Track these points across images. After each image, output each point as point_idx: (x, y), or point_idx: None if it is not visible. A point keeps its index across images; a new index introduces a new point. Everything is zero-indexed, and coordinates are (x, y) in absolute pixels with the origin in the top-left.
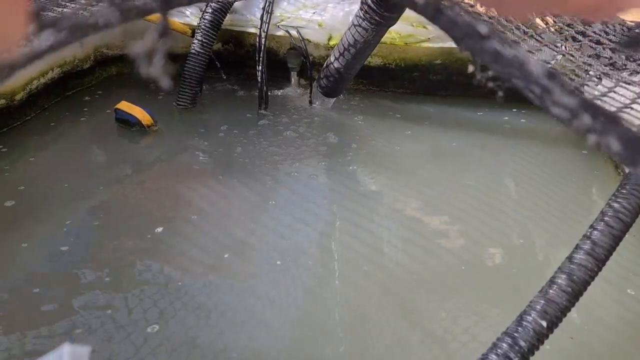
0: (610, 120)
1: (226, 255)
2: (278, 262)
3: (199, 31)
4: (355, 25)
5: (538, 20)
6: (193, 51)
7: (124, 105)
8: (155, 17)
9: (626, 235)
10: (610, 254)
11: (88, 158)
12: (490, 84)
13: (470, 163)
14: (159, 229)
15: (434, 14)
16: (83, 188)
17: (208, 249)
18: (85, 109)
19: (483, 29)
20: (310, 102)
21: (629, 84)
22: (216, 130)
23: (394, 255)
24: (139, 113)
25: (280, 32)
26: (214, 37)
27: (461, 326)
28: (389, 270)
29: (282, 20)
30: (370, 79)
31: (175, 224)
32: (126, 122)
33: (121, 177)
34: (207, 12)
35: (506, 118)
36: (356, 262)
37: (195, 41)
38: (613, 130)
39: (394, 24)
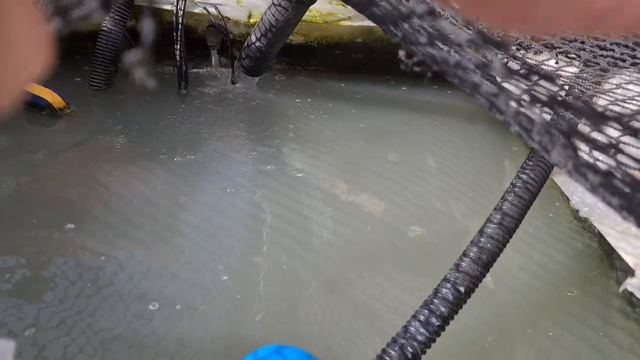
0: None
1: (150, 242)
2: (204, 246)
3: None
4: (275, 5)
5: None
6: (105, 28)
7: (31, 87)
8: None
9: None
10: (520, 222)
11: None
12: (417, 69)
13: (391, 139)
14: (74, 219)
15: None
16: None
17: (129, 236)
18: None
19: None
20: (233, 82)
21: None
22: (134, 112)
23: (321, 233)
24: (48, 95)
25: (198, 9)
26: (127, 13)
27: (388, 297)
28: (316, 248)
29: None
30: (293, 57)
31: (94, 211)
32: (35, 105)
33: (31, 165)
34: None
35: (426, 96)
36: (283, 241)
37: (107, 18)
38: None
39: (314, 2)
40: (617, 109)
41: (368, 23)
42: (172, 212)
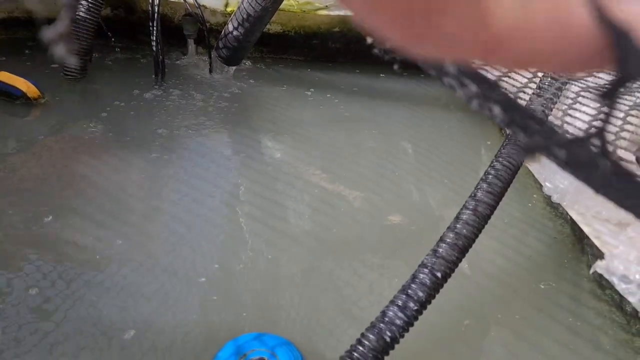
0: (491, 87)
1: (128, 232)
2: (183, 235)
3: None
4: None
5: None
6: (79, 17)
7: (4, 76)
8: None
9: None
10: (494, 208)
11: None
12: (387, 56)
13: (368, 128)
14: (52, 211)
15: None
16: None
17: (108, 227)
18: None
19: None
20: (211, 71)
21: None
22: (109, 102)
23: (300, 222)
24: (22, 85)
25: None
26: (101, 1)
27: (367, 284)
28: (295, 237)
29: None
30: (270, 46)
31: (73, 202)
32: (8, 94)
33: (6, 156)
34: None
35: (403, 85)
36: (263, 231)
37: (81, 6)
38: (494, 97)
39: None
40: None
41: (345, 12)
42: (150, 203)
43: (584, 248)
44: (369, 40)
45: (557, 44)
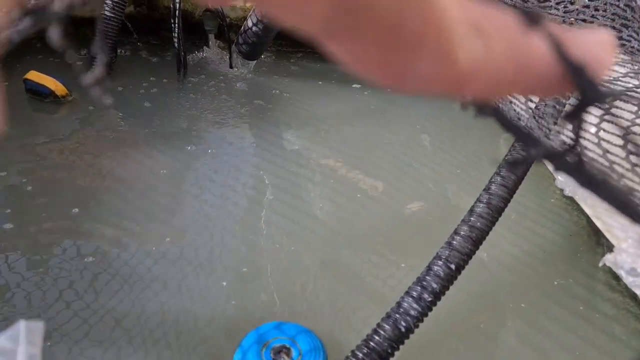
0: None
1: (153, 225)
2: (206, 228)
3: None
4: None
5: None
6: (104, 15)
7: (34, 75)
8: None
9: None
10: (508, 201)
11: None
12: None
13: (388, 120)
14: (78, 205)
15: None
16: None
17: (133, 220)
18: None
19: None
20: (231, 66)
21: None
22: (135, 98)
23: (319, 214)
24: (51, 83)
25: None
26: (124, 0)
27: (384, 275)
28: (313, 230)
29: None
30: (289, 40)
31: (99, 195)
32: (38, 92)
33: (36, 151)
34: None
35: None
36: (282, 223)
37: (105, 5)
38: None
39: None
40: None
41: None
42: (173, 196)
43: (599, 240)
44: None
45: (517, 77)
